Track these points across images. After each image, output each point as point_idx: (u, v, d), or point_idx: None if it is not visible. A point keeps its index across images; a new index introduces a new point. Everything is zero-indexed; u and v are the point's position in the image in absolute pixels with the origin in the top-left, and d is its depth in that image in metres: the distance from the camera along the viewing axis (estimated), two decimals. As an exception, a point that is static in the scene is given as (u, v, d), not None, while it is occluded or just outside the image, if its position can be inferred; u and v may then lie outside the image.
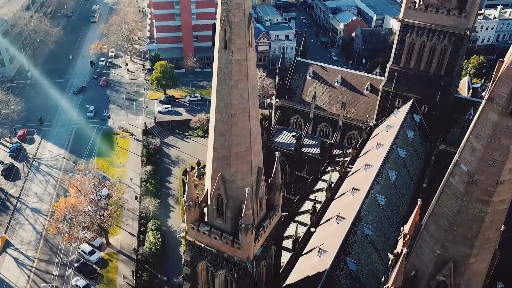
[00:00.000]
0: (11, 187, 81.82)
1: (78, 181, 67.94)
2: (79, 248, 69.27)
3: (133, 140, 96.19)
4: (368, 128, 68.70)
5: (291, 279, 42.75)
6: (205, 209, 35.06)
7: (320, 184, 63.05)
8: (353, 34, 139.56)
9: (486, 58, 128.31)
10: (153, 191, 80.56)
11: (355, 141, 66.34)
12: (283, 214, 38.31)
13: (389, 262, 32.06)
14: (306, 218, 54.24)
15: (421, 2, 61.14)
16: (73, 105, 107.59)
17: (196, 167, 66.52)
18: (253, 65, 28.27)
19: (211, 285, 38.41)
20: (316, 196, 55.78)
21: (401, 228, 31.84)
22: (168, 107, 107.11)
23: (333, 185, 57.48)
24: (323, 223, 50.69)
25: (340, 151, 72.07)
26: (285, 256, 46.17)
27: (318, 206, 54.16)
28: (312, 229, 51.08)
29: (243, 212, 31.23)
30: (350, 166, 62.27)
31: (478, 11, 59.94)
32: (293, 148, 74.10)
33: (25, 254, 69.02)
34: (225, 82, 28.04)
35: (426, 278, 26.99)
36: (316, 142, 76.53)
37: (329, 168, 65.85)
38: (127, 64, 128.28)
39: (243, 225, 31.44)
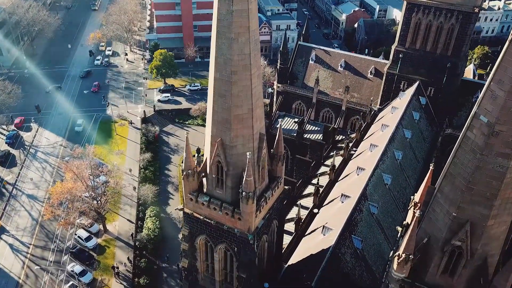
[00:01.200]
0: (7, 174, 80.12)
1: (74, 165, 66.15)
2: (76, 234, 67.55)
3: (132, 128, 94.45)
4: (372, 112, 66.98)
5: (294, 259, 41.02)
6: (204, 180, 33.33)
7: (323, 169, 61.25)
8: (356, 25, 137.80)
9: (491, 49, 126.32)
10: (152, 178, 78.79)
11: (359, 124, 64.60)
12: (286, 187, 36.48)
13: (398, 234, 30.34)
14: (308, 202, 52.45)
15: (428, -21, 59.47)
16: (71, 94, 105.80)
17: (196, 155, 64.88)
18: (255, 18, 26.49)
19: (210, 262, 36.67)
20: (318, 180, 53.86)
21: (411, 197, 30.15)
22: (168, 96, 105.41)
23: (336, 167, 55.88)
24: (326, 204, 48.97)
25: (343, 137, 70.37)
26: (288, 240, 44.50)
27: (321, 190, 52.55)
28: (315, 210, 49.38)
29: (243, 179, 29.50)
30: (354, 149, 60.58)
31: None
32: (295, 134, 72.24)
33: (20, 240, 67.29)
34: (224, 35, 26.27)
35: (440, 244, 25.25)
36: (319, 128, 74.74)
37: (332, 153, 64.06)
38: (126, 54, 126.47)
39: (244, 193, 29.70)
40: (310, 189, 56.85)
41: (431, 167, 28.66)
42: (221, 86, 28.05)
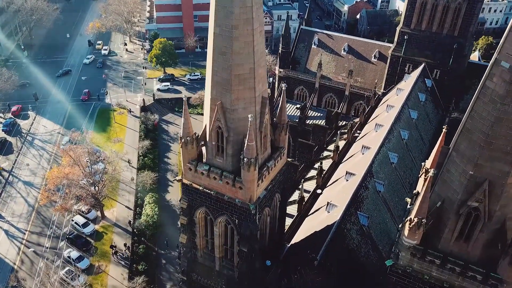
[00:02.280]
0: (3, 161, 78.54)
1: (71, 149, 64.58)
2: (73, 221, 65.92)
3: (131, 117, 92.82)
4: (376, 96, 65.42)
5: (297, 238, 39.43)
6: (204, 149, 31.75)
7: (326, 154, 59.74)
8: (358, 16, 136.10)
9: (495, 40, 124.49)
10: (151, 165, 77.13)
11: (363, 107, 63.03)
12: (289, 159, 34.91)
13: (408, 205, 28.75)
14: (311, 186, 50.79)
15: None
16: (70, 83, 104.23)
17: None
18: (258, -34, 24.94)
19: (210, 237, 35.09)
20: (322, 164, 52.23)
21: (422, 164, 28.59)
22: (168, 85, 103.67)
23: (340, 148, 54.36)
24: (330, 185, 47.38)
25: (347, 122, 68.77)
26: (290, 222, 42.94)
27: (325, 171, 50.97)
28: (319, 191, 47.80)
29: (245, 144, 27.91)
30: (358, 131, 59.04)
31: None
32: (297, 120, 70.52)
33: (15, 227, 65.70)
34: (225, -14, 24.71)
35: (455, 207, 23.66)
36: (321, 114, 73.20)
37: (335, 138, 62.40)
38: (125, 44, 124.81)
39: (245, 159, 28.11)
40: (312, 173, 55.32)
41: (444, 130, 27.13)
42: (221, 43, 26.49)
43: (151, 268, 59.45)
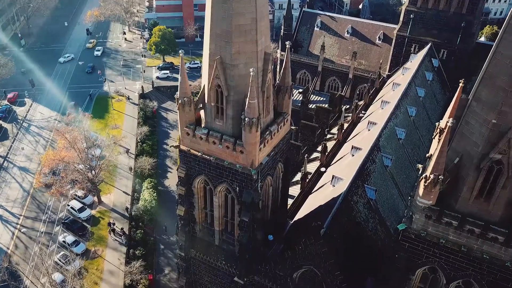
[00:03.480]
0: (-2, 147, 76.92)
1: (66, 131, 62.74)
2: (68, 205, 64.07)
3: (130, 104, 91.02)
4: (381, 78, 63.47)
5: (300, 215, 37.50)
6: (202, 113, 29.85)
7: (330, 136, 57.81)
8: (360, 6, 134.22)
9: (500, 29, 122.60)
10: (149, 151, 75.26)
11: (367, 89, 61.10)
12: (292, 128, 33.00)
13: (420, 172, 26.80)
14: (315, 167, 48.82)
15: None
16: (68, 70, 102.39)
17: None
18: None
19: (209, 210, 33.19)
20: (326, 144, 50.16)
21: (436, 124, 26.72)
22: (167, 73, 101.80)
23: (345, 127, 52.50)
24: (335, 162, 45.46)
25: (350, 106, 66.91)
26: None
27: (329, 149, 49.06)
28: (323, 169, 45.89)
29: (246, 103, 26.03)
30: (363, 112, 57.12)
31: None
32: (299, 104, 68.70)
33: (9, 211, 63.87)
34: None
35: (475, 162, 21.72)
36: (324, 98, 71.37)
37: (338, 121, 60.36)
38: (124, 33, 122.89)
39: (246, 119, 26.21)
40: (316, 155, 53.45)
41: (461, 84, 25.25)
42: (220, -11, 24.56)
43: (148, 253, 57.64)
